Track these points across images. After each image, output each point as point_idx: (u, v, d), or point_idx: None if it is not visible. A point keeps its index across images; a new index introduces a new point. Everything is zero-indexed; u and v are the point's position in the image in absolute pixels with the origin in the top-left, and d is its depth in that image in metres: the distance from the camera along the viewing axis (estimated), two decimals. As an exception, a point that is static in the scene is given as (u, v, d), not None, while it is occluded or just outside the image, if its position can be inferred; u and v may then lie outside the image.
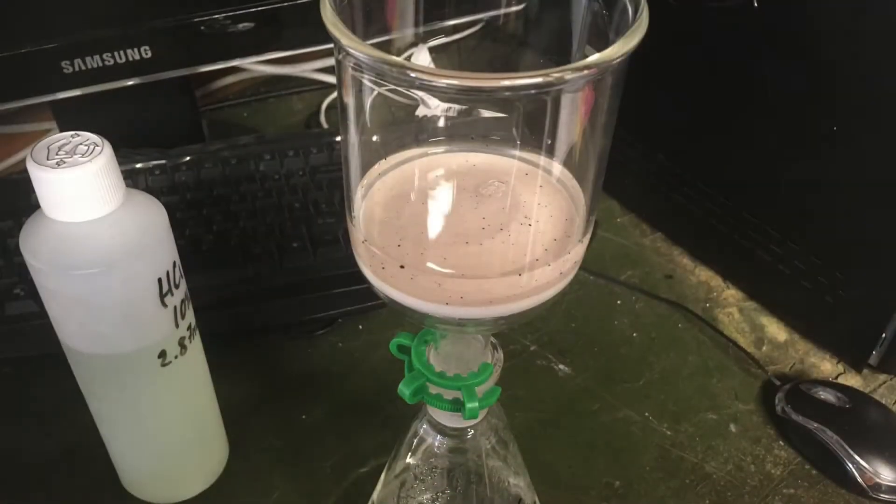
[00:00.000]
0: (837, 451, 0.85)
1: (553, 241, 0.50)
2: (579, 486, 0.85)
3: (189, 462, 0.82)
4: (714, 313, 1.05)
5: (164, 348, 0.70)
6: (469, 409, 0.55)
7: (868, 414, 0.90)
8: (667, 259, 1.14)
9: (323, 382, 0.95)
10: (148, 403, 0.74)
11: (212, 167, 1.08)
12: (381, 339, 1.00)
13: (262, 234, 1.01)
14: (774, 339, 1.02)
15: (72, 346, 0.69)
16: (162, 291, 0.67)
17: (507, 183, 0.53)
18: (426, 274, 0.48)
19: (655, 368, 0.98)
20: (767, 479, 0.87)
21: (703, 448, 0.89)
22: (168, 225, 0.68)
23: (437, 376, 0.56)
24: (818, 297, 0.97)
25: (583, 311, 1.05)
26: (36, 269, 0.63)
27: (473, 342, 0.58)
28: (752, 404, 0.94)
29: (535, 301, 0.50)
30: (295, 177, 1.09)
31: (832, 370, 0.99)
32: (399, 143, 0.54)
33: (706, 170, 1.07)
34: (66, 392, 0.77)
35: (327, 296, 0.98)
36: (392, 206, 0.52)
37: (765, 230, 1.01)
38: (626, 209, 1.22)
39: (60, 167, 0.60)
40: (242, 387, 0.94)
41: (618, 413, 0.93)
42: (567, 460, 0.88)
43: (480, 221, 0.50)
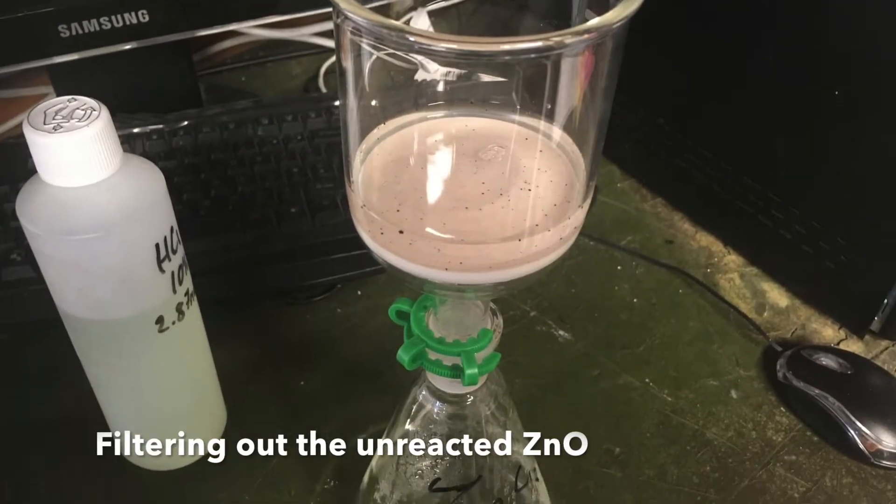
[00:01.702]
0: (839, 417, 0.85)
1: (553, 206, 0.49)
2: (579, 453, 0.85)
3: (187, 428, 0.82)
4: (715, 279, 1.05)
5: (162, 314, 0.70)
6: (468, 376, 0.55)
7: (870, 380, 0.89)
8: (667, 224, 1.13)
9: (321, 348, 0.95)
10: (145, 369, 0.73)
11: (210, 132, 1.08)
12: (379, 305, 1.00)
13: (261, 199, 1.00)
14: (776, 304, 1.02)
15: (69, 312, 0.69)
16: (159, 257, 0.67)
17: (506, 148, 0.52)
18: (425, 239, 0.48)
19: (656, 334, 0.98)
20: (768, 446, 0.87)
21: (704, 414, 0.89)
22: (165, 190, 0.68)
23: (437, 342, 0.56)
24: (820, 262, 0.97)
25: (583, 277, 1.04)
26: (33, 234, 0.63)
27: (473, 308, 0.58)
28: (754, 370, 0.94)
29: (534, 266, 0.49)
30: (293, 141, 1.08)
31: (834, 336, 0.99)
32: (398, 108, 0.53)
33: (707, 135, 1.07)
34: (62, 358, 0.77)
35: (326, 261, 0.98)
36: (391, 171, 0.52)
37: (766, 195, 1.00)
38: (627, 174, 1.22)
39: (57, 132, 0.59)
40: (240, 353, 0.93)
41: (618, 379, 0.92)
42: (567, 426, 0.87)
43: (480, 186, 0.49)
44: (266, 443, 0.83)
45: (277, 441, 0.81)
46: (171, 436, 0.81)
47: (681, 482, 0.83)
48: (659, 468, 0.84)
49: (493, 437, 0.65)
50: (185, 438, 0.82)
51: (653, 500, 0.82)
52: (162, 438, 0.81)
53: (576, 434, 0.68)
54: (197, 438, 0.83)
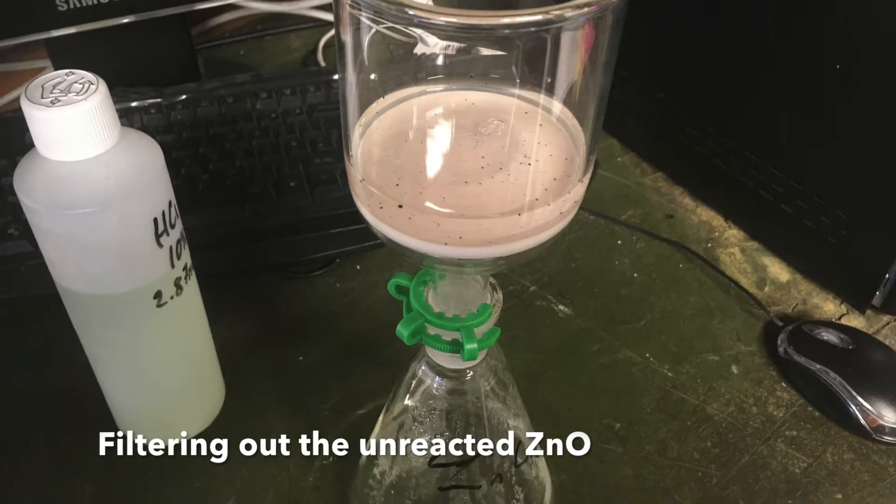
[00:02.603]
0: (840, 392, 0.85)
1: (553, 180, 0.49)
2: (579, 428, 0.85)
3: (185, 404, 0.82)
4: (716, 253, 1.05)
5: (160, 289, 0.70)
6: (468, 351, 0.55)
7: (871, 355, 0.89)
8: (668, 199, 1.13)
9: (320, 323, 0.95)
10: (143, 344, 0.73)
11: (208, 106, 1.08)
12: (379, 280, 0.99)
13: (259, 173, 1.00)
14: (777, 279, 1.02)
15: (66, 287, 0.68)
16: (157, 231, 0.67)
17: (506, 122, 0.52)
18: (424, 214, 0.47)
19: (656, 309, 0.98)
20: (769, 421, 0.86)
21: (705, 390, 0.89)
22: (164, 164, 0.67)
23: (436, 317, 0.56)
24: (821, 237, 0.97)
25: (583, 252, 1.04)
26: (30, 208, 0.63)
27: (472, 283, 0.57)
28: (754, 345, 0.94)
29: (534, 241, 0.49)
30: (292, 115, 1.08)
31: (835, 311, 0.98)
32: (397, 82, 0.53)
33: (708, 109, 1.07)
34: (60, 333, 0.77)
35: (325, 236, 0.98)
36: (390, 145, 0.51)
37: (767, 169, 1.00)
38: (627, 148, 1.21)
39: (55, 106, 0.59)
40: (239, 328, 0.93)
41: (618, 354, 0.92)
42: (567, 402, 0.87)
43: (479, 161, 0.49)
44: (265, 418, 0.83)
45: (276, 416, 0.82)
46: (170, 410, 0.81)
47: (681, 457, 0.83)
48: (659, 443, 0.84)
49: (493, 413, 0.65)
50: (183, 413, 0.83)
51: (653, 475, 0.82)
52: (160, 413, 0.81)
53: (578, 434, 0.68)
54: (195, 413, 0.83)
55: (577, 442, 0.68)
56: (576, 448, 0.68)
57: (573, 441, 0.68)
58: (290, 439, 0.71)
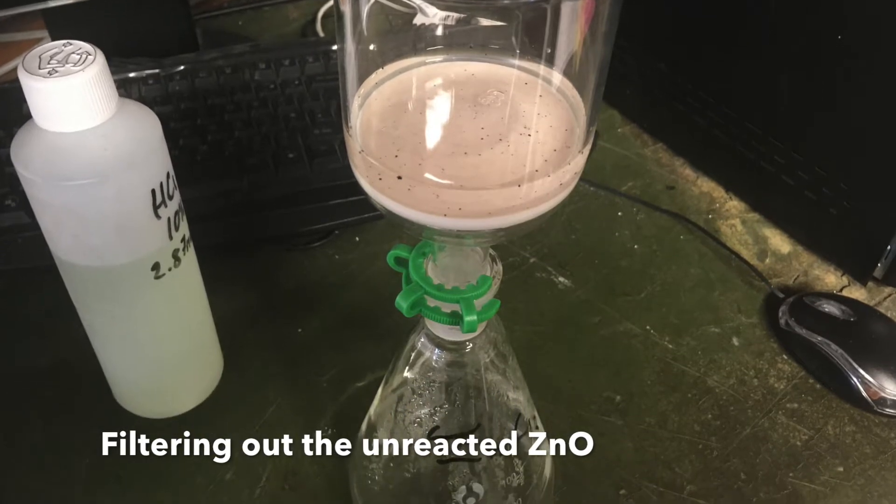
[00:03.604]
0: (842, 364, 0.85)
1: (553, 151, 0.49)
2: (579, 401, 0.85)
3: (183, 376, 0.82)
4: (716, 225, 1.05)
5: (158, 260, 0.69)
6: (467, 323, 0.54)
7: (873, 327, 0.89)
8: (668, 170, 1.13)
9: (319, 295, 0.94)
10: (141, 316, 0.73)
11: (206, 77, 1.07)
12: (378, 251, 0.99)
13: (258, 144, 1.00)
14: (778, 251, 1.02)
15: (64, 259, 0.68)
16: (155, 203, 0.66)
17: (506, 93, 0.52)
18: (424, 185, 0.47)
19: (657, 281, 0.97)
20: (771, 394, 0.86)
21: (706, 362, 0.89)
22: (162, 135, 0.67)
23: (436, 289, 0.56)
24: (822, 208, 0.96)
25: (583, 223, 1.04)
26: (28, 179, 0.62)
27: (472, 254, 0.57)
28: (755, 317, 0.94)
29: (534, 212, 0.49)
30: (291, 86, 1.08)
31: (836, 283, 0.98)
32: (396, 53, 0.53)
33: (708, 79, 1.06)
34: (57, 305, 0.76)
35: (323, 207, 0.97)
36: (389, 116, 0.51)
37: (768, 140, 1.00)
38: (628, 119, 1.21)
39: (52, 76, 0.59)
40: (237, 300, 0.93)
41: (618, 326, 0.92)
42: (567, 374, 0.87)
43: (479, 132, 0.49)
44: (263, 390, 0.83)
45: (274, 388, 0.82)
46: (168, 383, 0.81)
47: (682, 430, 0.83)
48: (660, 416, 0.84)
49: (493, 385, 0.65)
50: (181, 386, 0.82)
51: (653, 448, 0.81)
52: (158, 386, 0.81)
53: (581, 434, 0.68)
54: (193, 386, 0.83)
55: (581, 442, 0.68)
56: (579, 448, 0.69)
57: (576, 441, 0.68)
58: (293, 439, 0.72)
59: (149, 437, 0.77)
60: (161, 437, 0.80)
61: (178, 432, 0.80)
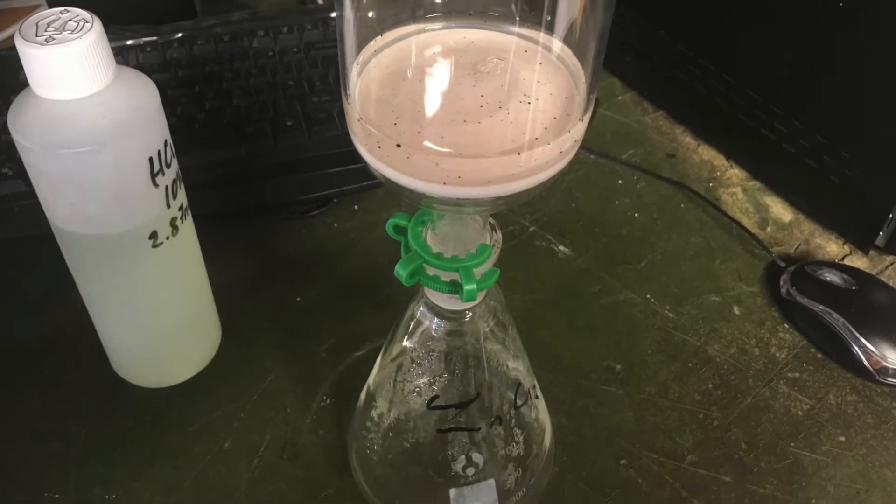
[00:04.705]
0: (843, 333, 0.84)
1: (553, 119, 0.48)
2: (579, 370, 0.85)
3: (181, 346, 0.82)
4: (717, 193, 1.04)
5: (156, 229, 0.69)
6: (467, 292, 0.54)
7: (875, 296, 0.89)
8: (669, 138, 1.12)
9: (318, 264, 0.94)
10: (139, 285, 0.73)
11: (204, 44, 1.07)
12: (377, 220, 0.99)
13: (256, 112, 0.99)
14: (779, 219, 1.01)
15: (61, 227, 0.68)
16: (153, 171, 0.66)
17: (505, 60, 0.51)
18: (423, 153, 0.47)
19: (657, 250, 0.97)
20: (772, 363, 0.86)
21: (706, 331, 0.89)
22: (159, 103, 0.67)
23: (435, 257, 0.56)
24: (824, 176, 0.96)
25: (583, 191, 1.04)
26: (25, 147, 0.62)
27: (471, 223, 0.57)
28: (756, 286, 0.93)
29: (534, 181, 0.48)
30: (289, 54, 1.07)
31: (838, 251, 0.98)
32: (395, 20, 0.52)
33: (709, 47, 1.06)
34: (55, 274, 0.76)
35: (322, 175, 0.97)
36: (388, 84, 0.51)
37: (769, 108, 0.99)
38: (628, 87, 1.21)
39: (49, 44, 0.59)
40: (235, 269, 0.93)
41: (619, 295, 0.92)
42: (567, 343, 0.87)
43: (479, 99, 0.48)
44: (261, 360, 0.83)
45: (273, 358, 0.82)
46: (165, 353, 0.81)
47: (682, 399, 0.83)
48: (660, 385, 0.84)
49: (492, 354, 0.64)
50: (179, 355, 0.82)
51: (654, 417, 0.81)
52: (156, 355, 0.80)
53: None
54: (191, 355, 0.83)
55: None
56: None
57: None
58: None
59: (146, 407, 0.77)
60: (159, 406, 0.80)
61: (176, 402, 0.80)
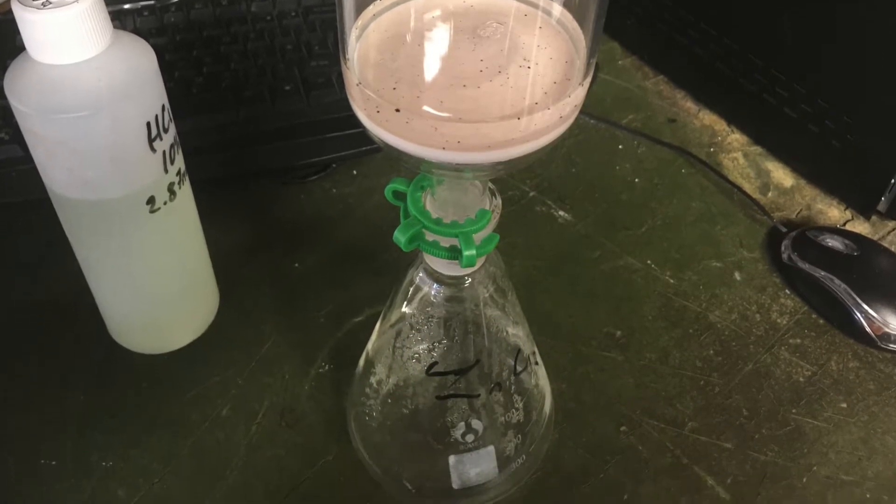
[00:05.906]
0: (845, 299, 0.84)
1: (553, 84, 0.48)
2: (579, 336, 0.85)
3: (178, 311, 0.82)
4: (718, 158, 1.04)
5: (153, 194, 0.69)
6: (466, 257, 0.54)
7: (876, 261, 0.88)
8: (669, 102, 1.12)
9: (316, 229, 0.94)
10: (136, 251, 0.73)
11: (202, 8, 1.07)
12: (375, 185, 0.99)
13: (254, 76, 0.99)
14: (780, 184, 1.01)
15: (58, 192, 0.68)
16: (150, 135, 0.66)
17: (505, 24, 0.51)
18: (422, 118, 0.46)
19: (658, 215, 0.97)
20: (773, 329, 0.86)
21: (707, 297, 0.88)
22: (157, 67, 0.67)
23: (434, 223, 0.55)
24: (825, 141, 0.96)
25: (583, 156, 1.03)
26: (21, 112, 0.62)
27: (471, 188, 0.57)
28: (758, 252, 0.93)
29: (534, 146, 0.48)
30: (287, 18, 1.07)
31: (839, 216, 0.98)
32: (394, -17, 0.52)
33: (710, 11, 1.05)
34: (52, 240, 0.76)
35: (320, 140, 0.97)
36: (387, 48, 0.50)
37: (771, 73, 0.99)
38: (628, 51, 1.20)
39: (46, 8, 0.59)
40: (233, 234, 0.93)
41: (619, 261, 0.92)
42: (567, 309, 0.87)
43: (478, 64, 0.48)
44: (259, 326, 0.83)
45: (271, 324, 0.81)
46: (163, 318, 0.81)
47: (683, 366, 0.83)
48: (661, 352, 0.84)
49: (492, 320, 0.64)
50: (177, 321, 0.82)
51: (654, 384, 0.81)
52: (154, 321, 0.80)
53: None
54: (189, 321, 0.83)
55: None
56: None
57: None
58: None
59: (144, 373, 0.77)
60: (156, 373, 0.80)
61: (174, 368, 0.80)
